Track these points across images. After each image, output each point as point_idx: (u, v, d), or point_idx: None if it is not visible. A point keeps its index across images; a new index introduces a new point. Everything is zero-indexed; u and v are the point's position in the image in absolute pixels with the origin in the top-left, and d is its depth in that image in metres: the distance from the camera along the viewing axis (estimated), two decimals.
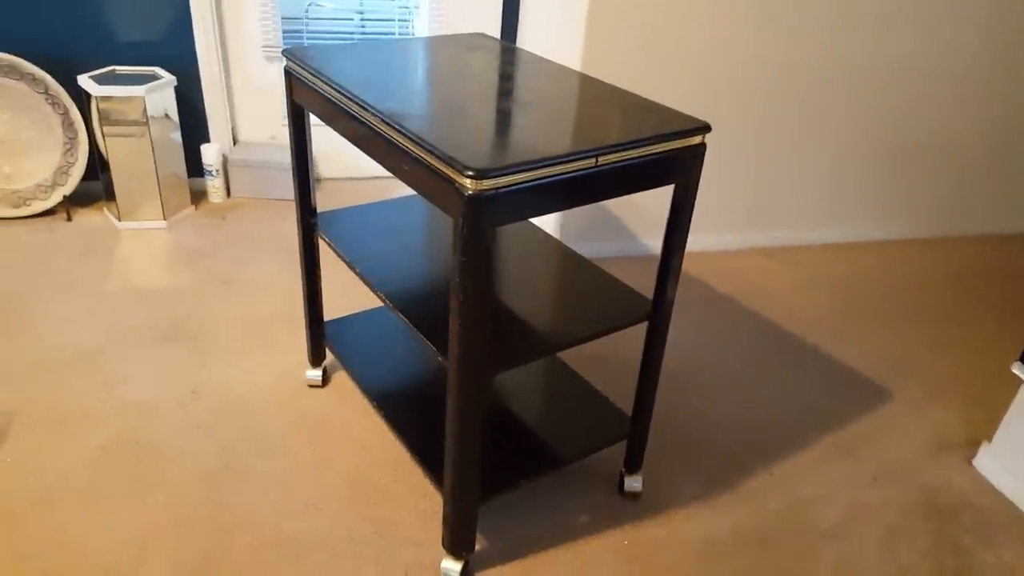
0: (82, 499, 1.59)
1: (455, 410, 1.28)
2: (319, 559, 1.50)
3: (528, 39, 2.93)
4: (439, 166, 1.12)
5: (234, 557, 1.49)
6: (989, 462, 1.81)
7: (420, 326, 1.37)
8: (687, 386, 2.08)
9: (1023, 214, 3.12)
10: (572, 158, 1.15)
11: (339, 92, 1.36)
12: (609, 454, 1.80)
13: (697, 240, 2.82)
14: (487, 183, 1.08)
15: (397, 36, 3.09)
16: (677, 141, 1.27)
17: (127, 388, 1.92)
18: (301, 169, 1.70)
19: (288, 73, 1.58)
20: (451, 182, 1.10)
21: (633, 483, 1.71)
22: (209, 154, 2.87)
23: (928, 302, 2.59)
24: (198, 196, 2.95)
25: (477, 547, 1.56)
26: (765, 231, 2.88)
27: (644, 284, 2.58)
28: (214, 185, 2.94)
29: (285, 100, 1.61)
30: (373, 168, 3.14)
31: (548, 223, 2.77)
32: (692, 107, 2.54)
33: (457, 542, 1.44)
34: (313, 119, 1.64)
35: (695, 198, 1.37)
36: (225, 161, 2.95)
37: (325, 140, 3.06)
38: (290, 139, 1.67)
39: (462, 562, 1.46)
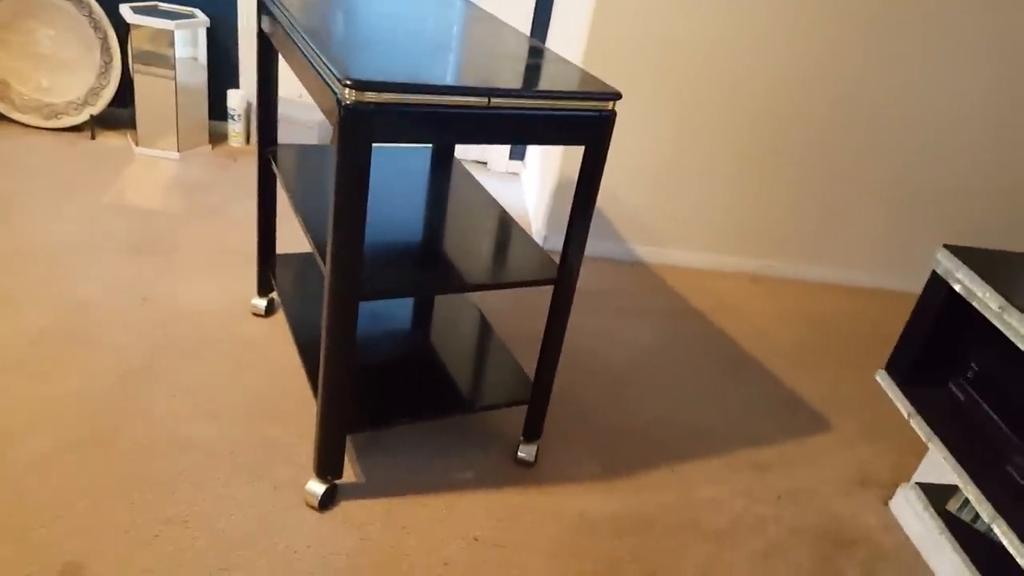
0: (5, 368, 1.70)
1: (326, 329, 1.32)
2: (195, 459, 1.56)
3: (555, 34, 2.98)
4: (328, 77, 1.17)
5: (117, 444, 1.57)
6: (903, 504, 1.73)
7: (318, 245, 1.42)
8: (624, 383, 2.07)
9: None
10: (459, 92, 1.19)
11: (281, 11, 1.44)
12: (515, 424, 1.80)
13: (690, 256, 2.80)
14: (366, 95, 1.12)
15: None
16: (580, 101, 1.29)
17: (85, 285, 2.04)
18: (264, 97, 1.78)
19: (260, 2, 1.67)
20: (334, 92, 1.15)
21: (527, 451, 1.71)
22: (234, 99, 3.02)
23: None
24: (219, 138, 3.10)
25: (352, 479, 1.59)
26: (760, 259, 2.84)
27: (619, 287, 2.58)
28: (235, 129, 3.08)
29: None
30: None
31: (539, 216, 2.80)
32: (696, 126, 2.54)
33: (323, 464, 1.47)
34: None
35: (603, 164, 1.39)
36: (249, 109, 3.09)
37: None
38: (256, 68, 1.76)
39: (326, 486, 1.49)
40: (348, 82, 1.11)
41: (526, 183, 3.20)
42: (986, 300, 0.91)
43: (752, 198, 2.72)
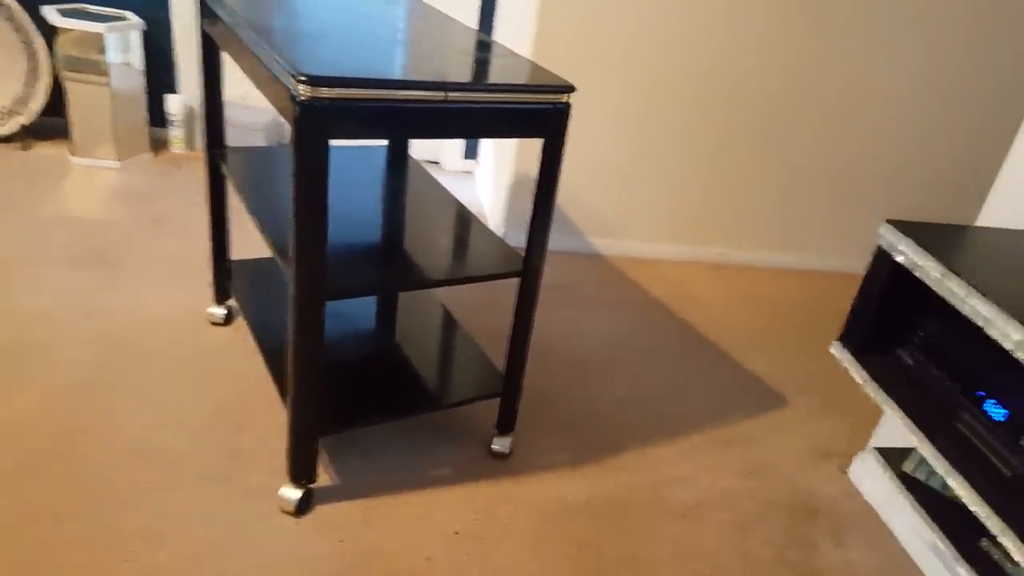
0: None
1: (293, 331, 1.30)
2: (163, 471, 1.53)
3: (500, 30, 2.99)
4: (281, 74, 1.16)
5: (80, 458, 1.52)
6: (860, 471, 1.81)
7: (280, 249, 1.40)
8: (590, 372, 2.10)
9: None
10: (416, 87, 1.19)
11: (227, 12, 1.41)
12: (489, 418, 1.81)
13: (649, 247, 2.85)
14: (322, 91, 1.11)
15: None
16: (534, 94, 1.31)
17: (32, 298, 1.96)
18: (210, 99, 1.75)
19: (202, 2, 1.63)
20: (289, 89, 1.14)
21: (502, 443, 1.72)
22: (173, 104, 2.94)
23: None
24: (160, 145, 3.01)
25: (329, 482, 1.57)
26: (717, 247, 2.91)
27: (580, 279, 2.61)
28: (176, 135, 3.00)
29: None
30: None
31: (495, 213, 2.81)
32: (654, 118, 2.58)
33: (296, 469, 1.46)
34: None
35: (561, 156, 1.41)
36: (191, 114, 3.01)
37: None
38: (201, 68, 1.72)
39: (301, 490, 1.48)
40: (303, 78, 1.10)
41: (480, 181, 3.20)
42: (928, 269, 0.96)
43: (707, 189, 2.78)
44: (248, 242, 2.27)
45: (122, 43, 2.67)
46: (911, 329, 1.09)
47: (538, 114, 1.33)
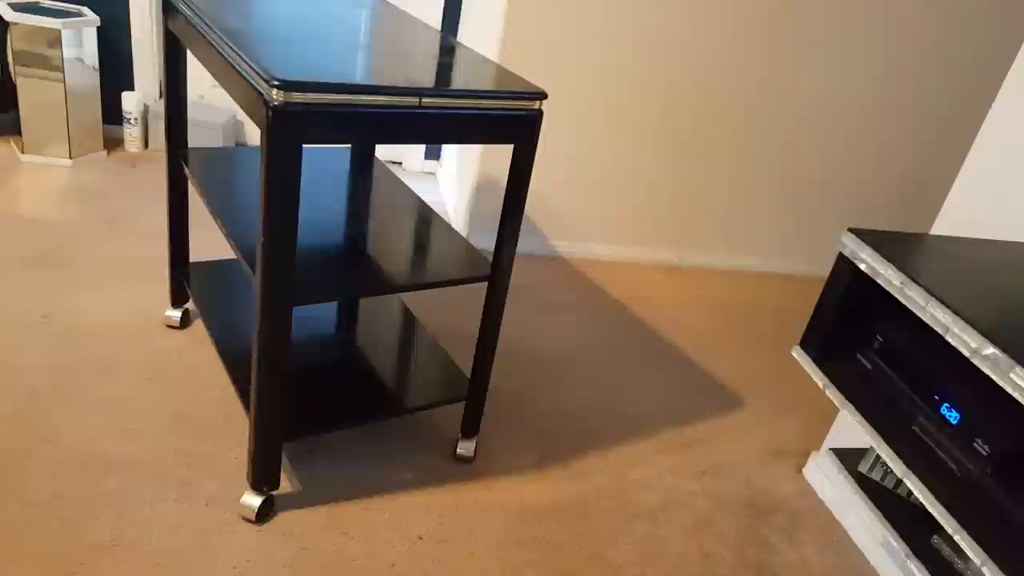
0: None
1: (258, 336, 1.29)
2: (117, 480, 1.49)
3: (466, 31, 3.00)
4: (252, 78, 1.15)
5: (29, 469, 1.47)
6: (815, 470, 1.87)
7: (245, 253, 1.39)
8: (552, 374, 2.12)
9: None
10: (390, 92, 1.19)
11: (193, 12, 1.39)
12: (453, 422, 1.81)
13: (607, 250, 2.88)
14: (295, 96, 1.11)
15: None
16: (508, 100, 1.32)
17: None
18: (173, 100, 1.71)
19: (165, 1, 1.60)
20: (261, 93, 1.13)
21: (466, 447, 1.72)
22: (129, 102, 2.87)
23: None
24: (114, 143, 2.94)
25: (290, 489, 1.55)
26: (673, 250, 2.96)
27: (540, 282, 2.63)
28: (131, 134, 2.93)
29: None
30: None
31: (459, 215, 2.81)
32: (611, 121, 2.62)
33: (258, 476, 1.44)
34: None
35: (532, 162, 1.42)
36: (147, 112, 2.94)
37: None
38: (164, 68, 1.68)
39: (262, 497, 1.45)
40: (276, 83, 1.09)
41: (443, 183, 3.20)
42: (889, 277, 1.00)
43: (666, 192, 2.83)
44: (205, 244, 2.22)
45: (76, 39, 2.60)
46: (870, 334, 1.13)
47: (510, 120, 1.34)
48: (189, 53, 1.62)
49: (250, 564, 1.38)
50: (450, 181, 3.05)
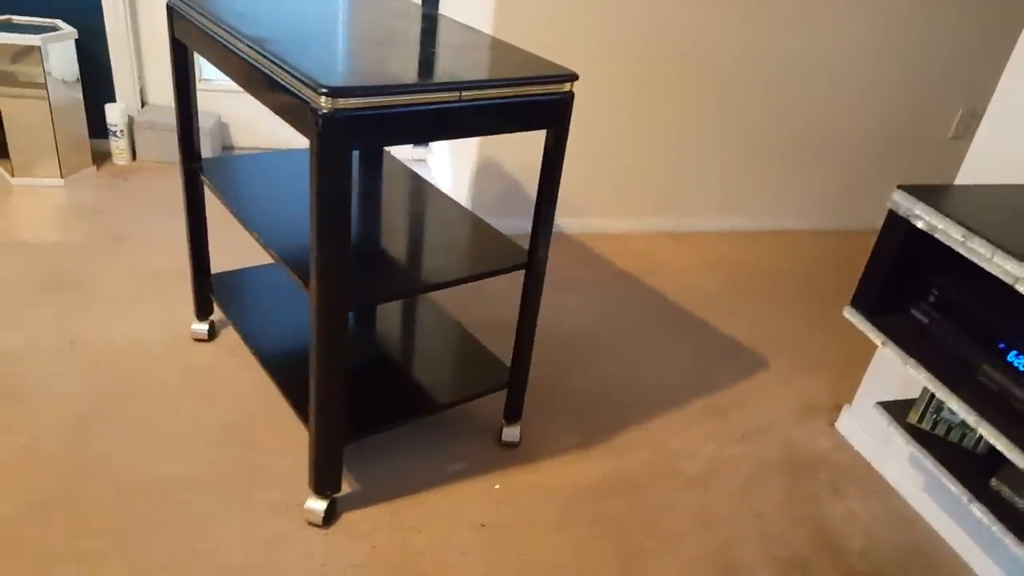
0: None
1: (316, 343, 1.29)
2: (178, 499, 1.49)
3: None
4: (296, 86, 1.14)
5: (86, 497, 1.46)
6: (849, 423, 1.92)
7: (288, 260, 1.38)
8: (576, 352, 2.14)
9: None
10: (433, 88, 1.18)
11: (213, 22, 1.37)
12: (495, 409, 1.83)
13: (609, 223, 2.90)
14: (342, 103, 1.10)
15: None
16: (542, 86, 1.32)
17: (3, 336, 1.86)
18: (183, 111, 1.68)
19: (170, 9, 1.57)
20: (307, 102, 1.12)
21: (511, 433, 1.74)
22: (113, 114, 2.80)
23: (813, 287, 2.73)
24: (102, 157, 2.87)
25: (349, 490, 1.57)
26: (674, 217, 2.99)
27: (551, 259, 2.64)
28: (118, 146, 2.87)
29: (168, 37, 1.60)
30: (289, 137, 3.11)
31: (460, 195, 2.80)
32: (603, 93, 2.62)
33: (321, 481, 1.45)
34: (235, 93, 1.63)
35: (565, 146, 1.42)
36: (131, 123, 2.88)
37: (238, 107, 3.03)
38: (173, 78, 1.65)
39: (327, 501, 1.47)
40: (324, 90, 1.08)
41: (435, 169, 3.18)
42: (948, 231, 1.03)
43: (661, 159, 2.84)
44: (225, 255, 2.20)
45: (57, 54, 2.52)
46: (924, 288, 1.16)
47: (544, 105, 1.34)
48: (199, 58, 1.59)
49: (324, 568, 1.39)
50: (444, 167, 3.04)
